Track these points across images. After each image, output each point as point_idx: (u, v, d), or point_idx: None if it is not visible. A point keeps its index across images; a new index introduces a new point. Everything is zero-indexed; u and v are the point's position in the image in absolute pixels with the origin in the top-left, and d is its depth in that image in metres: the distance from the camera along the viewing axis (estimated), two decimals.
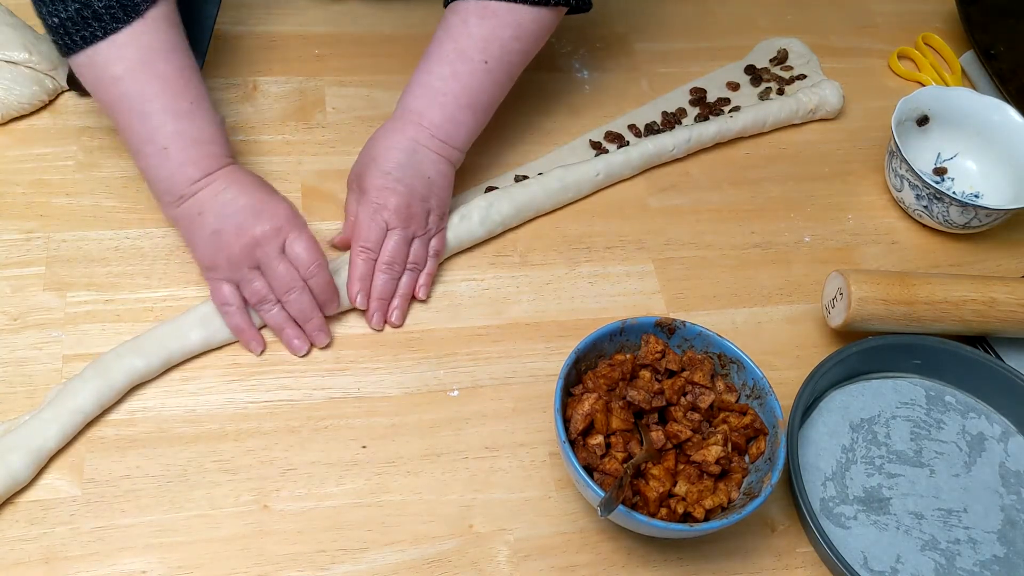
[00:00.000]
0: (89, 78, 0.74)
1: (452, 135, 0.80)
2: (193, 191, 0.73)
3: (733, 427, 0.72)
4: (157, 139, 0.73)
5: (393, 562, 0.69)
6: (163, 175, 0.74)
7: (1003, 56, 1.05)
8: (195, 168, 0.73)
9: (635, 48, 1.03)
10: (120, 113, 0.73)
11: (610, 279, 0.86)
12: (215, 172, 0.74)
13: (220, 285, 0.75)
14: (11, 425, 0.69)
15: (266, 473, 0.71)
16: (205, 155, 0.74)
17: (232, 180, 0.74)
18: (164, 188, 0.74)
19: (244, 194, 0.74)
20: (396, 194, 0.77)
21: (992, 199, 0.95)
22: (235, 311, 0.75)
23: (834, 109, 1.00)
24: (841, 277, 0.80)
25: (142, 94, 0.72)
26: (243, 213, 0.73)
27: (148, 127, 0.73)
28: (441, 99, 0.79)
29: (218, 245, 0.73)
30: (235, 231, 0.73)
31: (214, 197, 0.73)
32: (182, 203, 0.74)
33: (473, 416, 0.76)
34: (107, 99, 0.74)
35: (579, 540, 0.72)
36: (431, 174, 0.79)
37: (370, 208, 0.78)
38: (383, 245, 0.78)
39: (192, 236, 0.75)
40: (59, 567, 0.66)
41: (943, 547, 0.74)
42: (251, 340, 0.76)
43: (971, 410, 0.82)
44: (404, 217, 0.78)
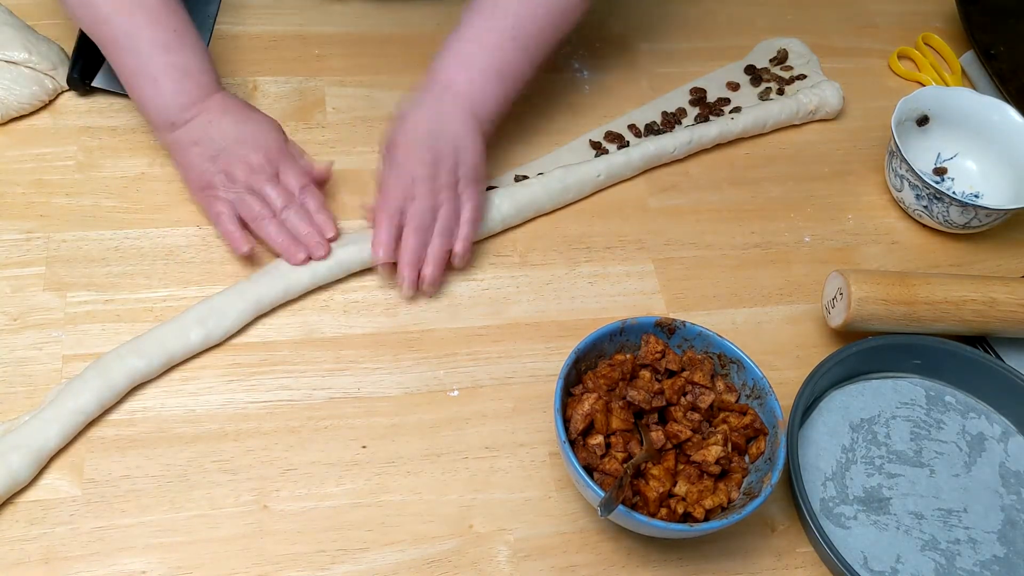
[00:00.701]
0: (84, 17, 0.79)
1: (480, 104, 0.81)
2: (185, 119, 0.78)
3: (733, 427, 0.72)
4: (148, 71, 0.78)
5: (393, 562, 0.69)
6: (157, 104, 0.78)
7: (1003, 56, 1.05)
8: (186, 96, 0.78)
9: (635, 48, 1.03)
10: (113, 49, 0.78)
11: (610, 279, 0.86)
12: (205, 101, 0.79)
13: (214, 200, 0.78)
14: (11, 425, 0.69)
15: (266, 473, 0.71)
16: (194, 84, 0.78)
17: (223, 109, 0.79)
18: (157, 116, 0.79)
19: (237, 124, 0.79)
20: (422, 157, 0.78)
21: (992, 199, 0.95)
22: (227, 217, 0.78)
23: (834, 110, 1.00)
24: (841, 277, 0.80)
25: (129, 30, 0.77)
26: (236, 143, 0.78)
27: (139, 60, 0.78)
28: (469, 69, 0.81)
29: (215, 170, 0.78)
30: (230, 159, 0.77)
31: (207, 126, 0.78)
32: (175, 130, 0.78)
33: (473, 416, 0.76)
34: (99, 36, 0.79)
35: (579, 540, 0.72)
36: (459, 141, 0.80)
37: (395, 171, 0.79)
38: (410, 208, 0.78)
39: (187, 160, 0.79)
40: (59, 567, 0.66)
41: (943, 547, 0.74)
42: (240, 240, 0.78)
43: (971, 410, 0.82)
44: (430, 180, 0.78)
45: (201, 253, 0.81)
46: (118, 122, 0.88)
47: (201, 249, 0.82)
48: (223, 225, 0.78)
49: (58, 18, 0.93)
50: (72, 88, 0.89)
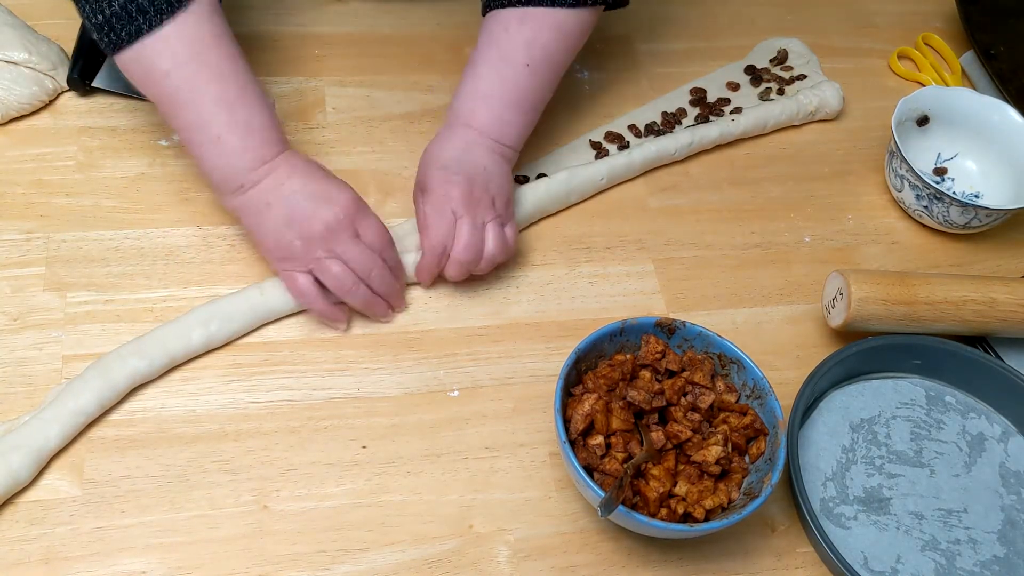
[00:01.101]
0: (137, 74, 0.73)
1: (503, 135, 0.81)
2: (253, 180, 0.73)
3: (733, 427, 0.72)
4: (210, 129, 0.72)
5: (393, 562, 0.69)
6: (220, 164, 0.74)
7: (1003, 56, 1.05)
8: (253, 156, 0.73)
9: (635, 48, 1.03)
10: (171, 106, 0.73)
11: (610, 279, 0.86)
12: (273, 160, 0.74)
13: (295, 276, 0.75)
14: (11, 425, 0.69)
15: (266, 473, 0.71)
16: (261, 142, 0.74)
17: (293, 168, 0.74)
18: (221, 177, 0.74)
19: (310, 183, 0.74)
20: (457, 184, 0.77)
21: (992, 199, 0.95)
22: (316, 298, 0.76)
23: (834, 111, 1.00)
24: (841, 277, 0.80)
25: (192, 86, 0.72)
26: (312, 202, 0.73)
27: (200, 118, 0.72)
28: (488, 101, 0.81)
29: (293, 235, 0.73)
30: (307, 220, 0.73)
31: (279, 187, 0.73)
32: (244, 192, 0.74)
33: (473, 416, 0.76)
34: (157, 93, 0.73)
35: (579, 540, 0.72)
36: (487, 164, 0.79)
37: (435, 202, 0.78)
38: (456, 236, 0.78)
39: (260, 227, 0.75)
40: (59, 567, 0.66)
41: (943, 547, 0.74)
42: (337, 319, 0.78)
43: (971, 410, 0.82)
44: (469, 204, 0.77)
45: (201, 253, 0.81)
46: (118, 122, 0.88)
47: (201, 249, 0.82)
48: (315, 306, 0.76)
49: (58, 18, 0.93)
50: (72, 88, 0.89)
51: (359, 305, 0.77)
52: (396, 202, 0.87)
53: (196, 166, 0.76)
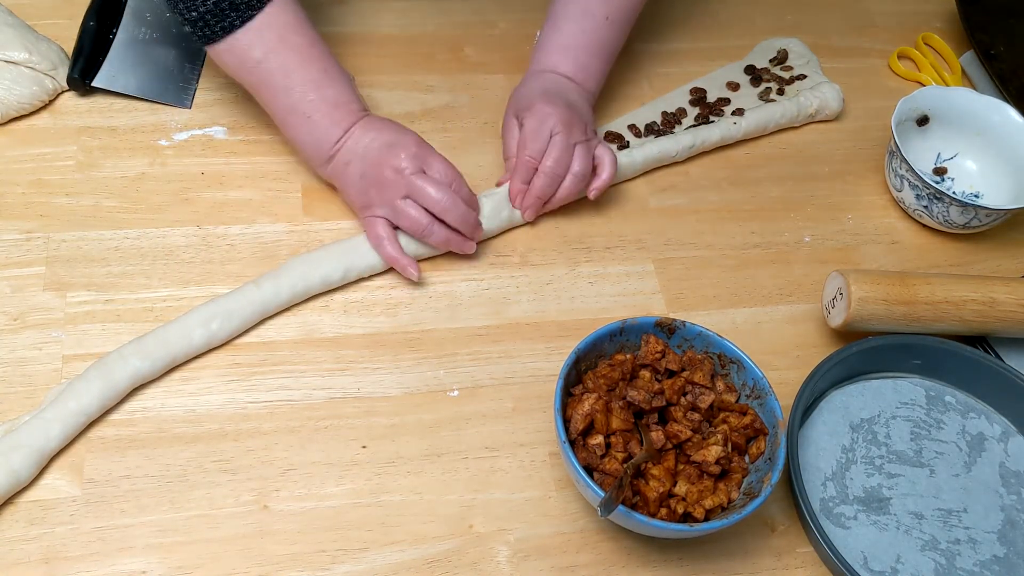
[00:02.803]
0: (231, 63, 0.80)
1: (584, 80, 0.88)
2: (338, 148, 0.81)
3: (733, 427, 0.72)
4: (301, 109, 0.80)
5: (393, 562, 0.69)
6: (311, 141, 0.81)
7: (1003, 56, 1.05)
8: (337, 128, 0.80)
9: (635, 48, 1.03)
10: (264, 91, 0.81)
11: (610, 279, 0.86)
12: (352, 127, 0.81)
13: (374, 222, 0.80)
14: (11, 425, 0.69)
15: (266, 473, 0.71)
16: (344, 115, 0.81)
17: (366, 128, 0.81)
18: (312, 152, 0.82)
19: (378, 136, 0.80)
20: (558, 106, 0.83)
21: (992, 199, 0.95)
22: (388, 243, 0.80)
23: (834, 112, 1.00)
24: (841, 277, 0.80)
25: (283, 71, 0.79)
26: (380, 151, 0.79)
27: (291, 100, 0.80)
28: (573, 52, 0.88)
29: (367, 184, 0.80)
30: (378, 167, 0.79)
31: (354, 147, 0.80)
32: (331, 161, 0.81)
33: (473, 416, 0.76)
34: (250, 80, 0.81)
35: (579, 540, 0.72)
36: (574, 99, 0.86)
37: (535, 119, 0.83)
38: (547, 151, 0.83)
39: (344, 185, 0.82)
40: (59, 567, 0.66)
41: (943, 547, 0.74)
42: (408, 266, 0.80)
43: (971, 410, 0.82)
44: (567, 124, 0.83)
45: (201, 253, 0.81)
46: (118, 122, 0.88)
47: (201, 249, 0.82)
48: (385, 252, 0.80)
49: (58, 18, 0.93)
50: (72, 88, 0.89)
51: (438, 242, 0.81)
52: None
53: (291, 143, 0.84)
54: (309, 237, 0.84)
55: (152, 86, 0.90)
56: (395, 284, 0.82)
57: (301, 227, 0.84)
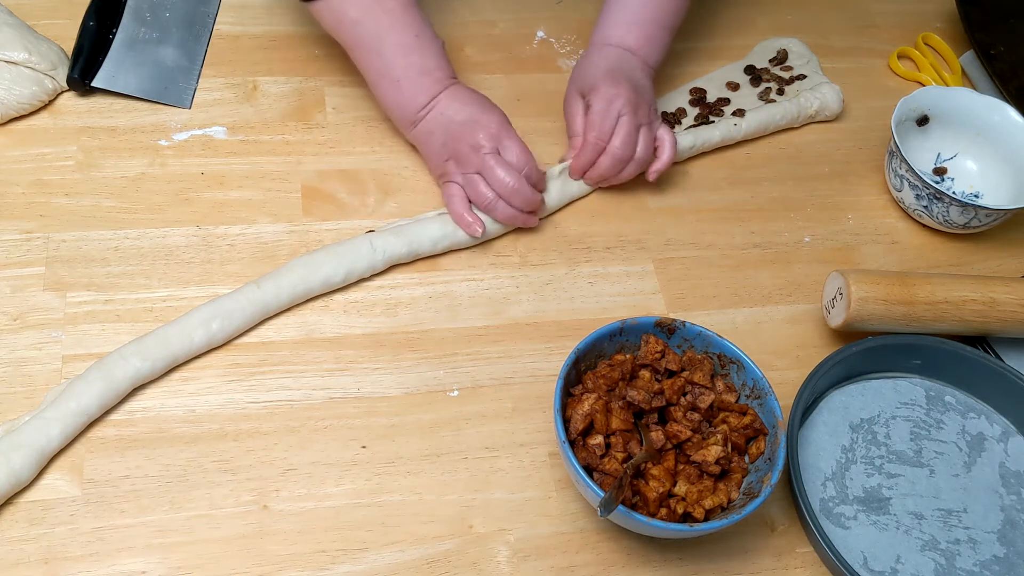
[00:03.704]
0: (329, 22, 0.85)
1: (648, 53, 0.90)
2: (423, 115, 0.84)
3: (733, 427, 0.72)
4: (391, 73, 0.83)
5: (393, 562, 0.69)
6: (398, 105, 0.85)
7: (1003, 56, 1.05)
8: (424, 95, 0.83)
9: None
10: (358, 51, 0.84)
11: (610, 279, 0.86)
12: (439, 95, 0.84)
13: (448, 185, 0.84)
14: (11, 425, 0.69)
15: (266, 473, 0.71)
16: (432, 82, 0.84)
17: (453, 98, 0.84)
18: (400, 115, 0.86)
19: (463, 109, 0.83)
20: (625, 86, 0.85)
21: (992, 199, 0.95)
22: (458, 199, 0.83)
23: (834, 113, 1.00)
24: (841, 277, 0.80)
25: (376, 33, 0.83)
26: (463, 125, 0.82)
27: (383, 63, 0.83)
28: (636, 25, 0.90)
29: (447, 154, 0.83)
30: (458, 140, 0.82)
31: (439, 116, 0.83)
32: (416, 126, 0.85)
33: (473, 416, 0.76)
34: (346, 39, 0.85)
35: (579, 540, 0.72)
36: (638, 77, 0.88)
37: (604, 100, 0.85)
38: (614, 133, 0.85)
39: (427, 152, 0.86)
40: (59, 567, 0.66)
41: (943, 547, 0.74)
42: (473, 223, 0.83)
43: (971, 410, 0.82)
44: (634, 105, 0.85)
45: (201, 253, 0.81)
46: (118, 122, 0.88)
47: (201, 249, 0.82)
48: (454, 207, 0.83)
49: (58, 18, 0.93)
50: (72, 88, 0.89)
51: (502, 218, 0.84)
52: (396, 202, 0.87)
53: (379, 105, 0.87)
54: (309, 237, 0.84)
55: (152, 86, 0.90)
56: (395, 284, 0.82)
57: (301, 227, 0.84)
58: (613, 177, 0.87)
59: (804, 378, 0.77)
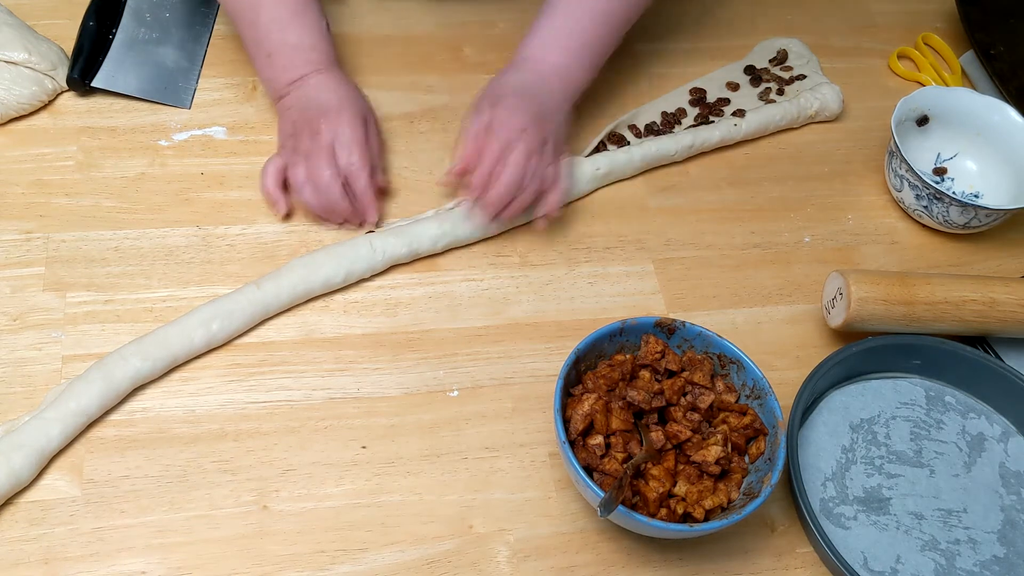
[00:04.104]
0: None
1: (571, 82, 0.86)
2: (288, 91, 0.84)
3: (733, 427, 0.72)
4: (264, 46, 0.84)
5: (393, 562, 0.69)
6: (268, 77, 0.85)
7: (1003, 56, 1.05)
8: (293, 71, 0.83)
9: (635, 48, 1.03)
10: (237, 22, 0.85)
11: (610, 279, 0.86)
12: (308, 75, 0.83)
13: (275, 157, 0.83)
14: (11, 425, 0.69)
15: (266, 473, 0.71)
16: (304, 61, 0.83)
17: (320, 83, 0.83)
18: (270, 88, 0.86)
19: (326, 95, 0.82)
20: (526, 111, 0.81)
21: (992, 199, 0.95)
22: (271, 172, 0.82)
23: (833, 114, 1.00)
24: (841, 277, 0.80)
25: (254, 5, 0.83)
26: (316, 109, 0.81)
27: (257, 35, 0.84)
28: (562, 47, 0.86)
29: (289, 132, 0.83)
30: (304, 122, 0.81)
31: (301, 97, 0.83)
32: (281, 101, 0.85)
33: (473, 416, 0.76)
34: (228, 8, 0.85)
35: (579, 540, 0.72)
36: (550, 107, 0.84)
37: (501, 123, 0.80)
38: (507, 161, 0.80)
39: (279, 126, 0.85)
40: (59, 567, 0.66)
41: (943, 547, 0.74)
42: (278, 200, 0.82)
43: (971, 410, 0.82)
44: (531, 133, 0.80)
45: (201, 253, 0.81)
46: (118, 122, 0.88)
47: (201, 249, 0.82)
48: (264, 179, 0.82)
49: (58, 18, 0.93)
50: (72, 88, 0.89)
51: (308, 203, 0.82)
52: (396, 203, 0.87)
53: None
54: (309, 237, 0.84)
55: (152, 86, 0.90)
56: (395, 284, 0.82)
57: (301, 227, 0.84)
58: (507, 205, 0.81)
59: (804, 378, 0.77)
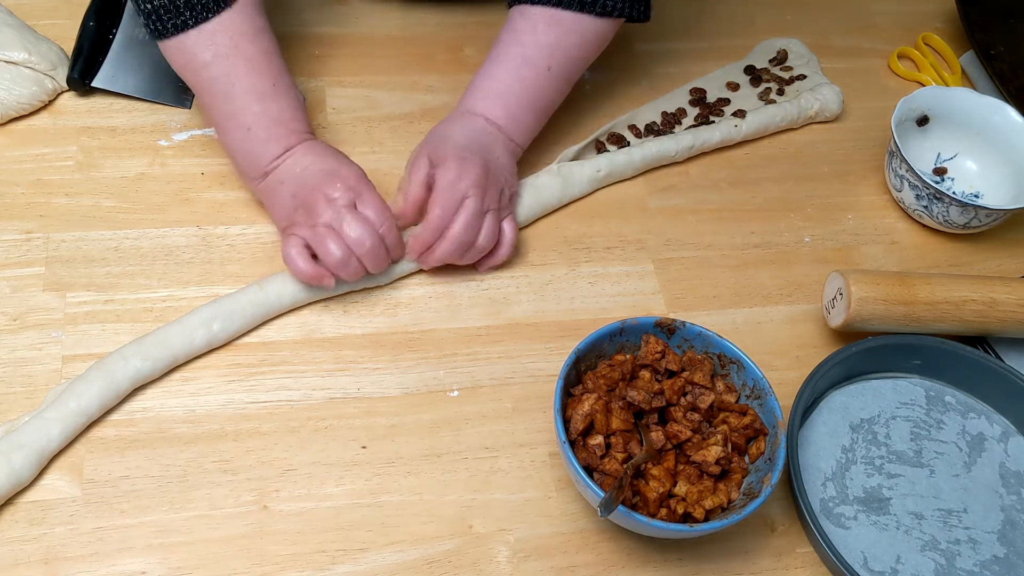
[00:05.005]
0: (178, 62, 0.78)
1: (514, 132, 0.83)
2: (275, 166, 0.78)
3: (733, 427, 0.72)
4: (241, 119, 0.77)
5: (393, 563, 0.69)
6: (246, 153, 0.78)
7: (1003, 56, 1.05)
8: (276, 145, 0.78)
9: (635, 48, 1.03)
10: (208, 95, 0.78)
11: (610, 279, 0.86)
12: (295, 147, 0.78)
13: (288, 240, 0.75)
14: (11, 425, 0.69)
15: (266, 473, 0.71)
16: (286, 132, 0.78)
17: (309, 151, 0.78)
18: (248, 164, 0.79)
19: (319, 161, 0.77)
20: (475, 165, 0.78)
21: (992, 199, 0.95)
22: (300, 259, 0.74)
23: (833, 114, 1.00)
24: (841, 277, 0.80)
25: (228, 77, 0.76)
26: (318, 176, 0.76)
27: (233, 107, 0.77)
28: (505, 100, 0.83)
29: (296, 204, 0.76)
30: (311, 191, 0.75)
31: (292, 167, 0.77)
32: (266, 178, 0.78)
33: (473, 416, 0.76)
34: (195, 82, 0.78)
35: (579, 540, 0.72)
36: (499, 155, 0.81)
37: (451, 176, 0.77)
38: (456, 215, 0.78)
39: (273, 203, 0.79)
40: (59, 567, 0.66)
41: (943, 547, 0.74)
42: (323, 276, 0.75)
43: (971, 410, 0.82)
44: (482, 188, 0.78)
45: (201, 253, 0.81)
46: (118, 122, 0.88)
47: (201, 249, 0.82)
48: (296, 265, 0.74)
49: (58, 18, 0.93)
50: (72, 88, 0.89)
51: (349, 277, 0.76)
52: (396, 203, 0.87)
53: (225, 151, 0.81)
54: None
55: (152, 86, 0.90)
56: (395, 284, 0.82)
57: None
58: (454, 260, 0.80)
59: (804, 378, 0.77)
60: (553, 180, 0.88)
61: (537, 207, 0.87)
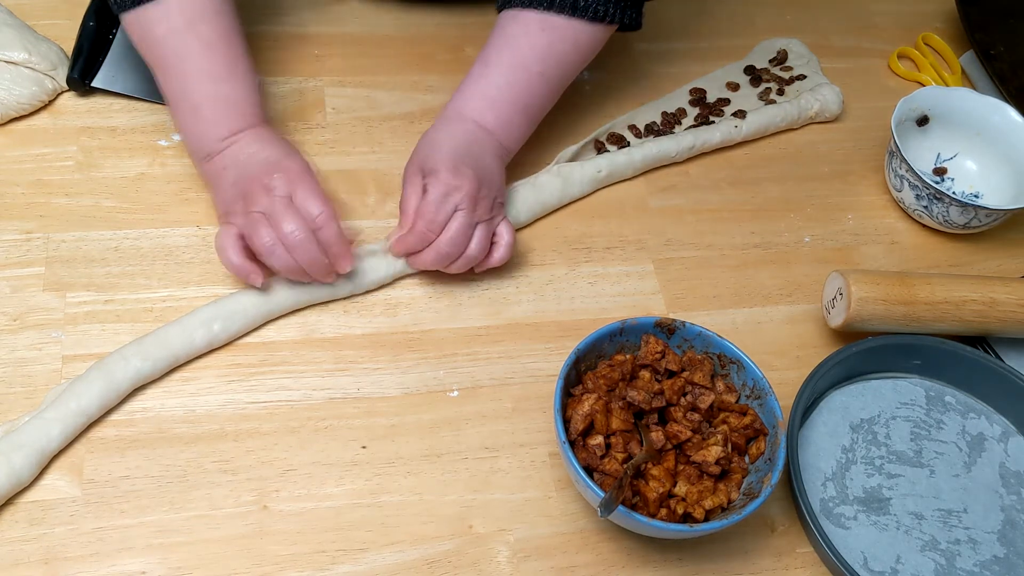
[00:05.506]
0: (135, 34, 0.78)
1: (505, 136, 0.82)
2: (220, 148, 0.77)
3: (733, 427, 0.72)
4: (191, 98, 0.77)
5: (393, 563, 0.69)
6: (195, 132, 0.78)
7: (1003, 56, 1.05)
8: (223, 127, 0.77)
9: (635, 48, 1.03)
10: (161, 70, 0.78)
11: (610, 279, 0.86)
12: (243, 131, 0.77)
13: (223, 229, 0.75)
14: (12, 426, 0.69)
15: (266, 473, 0.71)
16: (236, 116, 0.77)
17: (257, 138, 0.77)
18: (196, 145, 0.78)
19: (265, 150, 0.76)
20: (468, 178, 0.77)
21: (992, 199, 0.95)
22: (226, 252, 0.74)
23: (833, 115, 1.01)
24: (841, 277, 0.80)
25: (181, 55, 0.76)
26: (261, 165, 0.75)
27: (184, 86, 0.77)
28: (497, 104, 0.82)
29: (236, 193, 0.75)
30: (251, 180, 0.74)
31: (237, 153, 0.77)
32: (211, 159, 0.77)
33: (473, 416, 0.76)
34: (149, 57, 0.78)
35: (579, 540, 0.72)
36: (489, 163, 0.80)
37: (441, 188, 0.76)
38: (446, 227, 0.77)
39: (216, 188, 0.78)
40: (59, 567, 0.66)
41: (943, 547, 0.74)
42: (250, 272, 0.74)
43: (971, 410, 0.82)
44: (474, 200, 0.77)
45: (201, 253, 0.81)
46: (118, 122, 0.88)
47: (201, 249, 0.82)
48: (226, 255, 0.74)
49: (58, 18, 0.93)
50: (72, 88, 0.89)
51: (279, 268, 0.74)
52: (396, 202, 0.87)
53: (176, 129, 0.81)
54: None
55: (152, 86, 0.90)
56: (395, 284, 0.82)
57: None
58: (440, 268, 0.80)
59: (804, 378, 0.77)
60: (553, 180, 0.88)
61: (537, 207, 0.87)
